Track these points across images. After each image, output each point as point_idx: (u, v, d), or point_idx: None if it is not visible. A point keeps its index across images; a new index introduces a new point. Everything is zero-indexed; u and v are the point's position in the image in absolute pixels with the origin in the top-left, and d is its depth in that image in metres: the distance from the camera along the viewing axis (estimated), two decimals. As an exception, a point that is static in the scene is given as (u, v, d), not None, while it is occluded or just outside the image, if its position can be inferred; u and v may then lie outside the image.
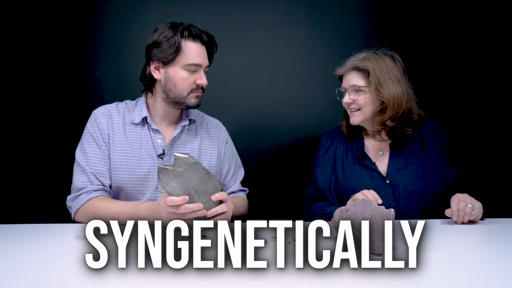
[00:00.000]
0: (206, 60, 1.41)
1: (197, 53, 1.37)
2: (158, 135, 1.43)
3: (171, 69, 1.37)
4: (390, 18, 2.04)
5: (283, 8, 2.02)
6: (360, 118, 1.51)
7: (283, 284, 0.78)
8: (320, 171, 1.60)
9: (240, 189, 1.60)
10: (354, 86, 1.49)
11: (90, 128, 1.40)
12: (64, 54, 1.92)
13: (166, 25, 1.38)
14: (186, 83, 1.38)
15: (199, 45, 1.38)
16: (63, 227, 1.28)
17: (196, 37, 1.37)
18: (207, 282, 0.78)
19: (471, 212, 1.28)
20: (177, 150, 1.44)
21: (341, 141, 1.62)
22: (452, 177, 1.49)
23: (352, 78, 1.51)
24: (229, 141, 1.60)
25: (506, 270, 0.87)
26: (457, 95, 2.06)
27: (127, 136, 1.41)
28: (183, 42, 1.35)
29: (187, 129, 1.49)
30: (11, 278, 0.80)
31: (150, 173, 1.40)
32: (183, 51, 1.36)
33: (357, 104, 1.50)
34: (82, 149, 1.38)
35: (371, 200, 1.03)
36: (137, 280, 0.79)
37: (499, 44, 2.05)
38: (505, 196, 2.04)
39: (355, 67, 1.50)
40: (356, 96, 1.49)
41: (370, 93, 1.48)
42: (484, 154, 2.06)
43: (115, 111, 1.44)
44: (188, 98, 1.40)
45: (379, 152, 1.55)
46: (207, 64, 1.42)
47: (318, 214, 1.49)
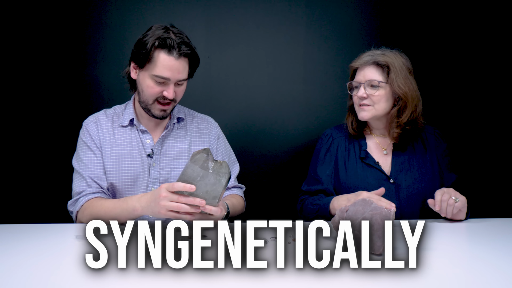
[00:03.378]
0: (177, 74, 1.34)
1: (167, 66, 1.31)
2: (147, 136, 1.45)
3: (141, 74, 1.37)
4: (390, 18, 2.04)
5: (283, 8, 2.02)
6: (371, 114, 1.49)
7: (283, 284, 0.78)
8: (323, 170, 1.57)
9: (236, 185, 1.58)
10: (372, 80, 1.46)
11: (82, 136, 1.44)
12: (64, 54, 1.92)
13: (155, 27, 1.36)
14: (151, 91, 1.35)
15: (172, 59, 1.31)
16: (63, 227, 1.28)
17: (171, 49, 1.31)
18: (207, 282, 0.78)
19: (454, 204, 1.29)
20: (166, 148, 1.45)
21: (343, 139, 1.60)
22: (450, 182, 1.50)
23: (370, 72, 1.48)
24: (222, 137, 1.59)
25: (506, 270, 0.88)
26: (455, 98, 2.05)
27: (116, 139, 1.43)
28: (156, 52, 1.31)
29: (176, 127, 1.50)
30: (11, 278, 0.80)
31: (141, 173, 1.42)
32: (154, 60, 1.32)
33: (370, 99, 1.47)
34: (78, 157, 1.42)
35: (371, 200, 1.03)
36: (137, 280, 0.79)
37: (497, 46, 2.05)
38: (505, 196, 2.05)
39: (375, 61, 1.47)
40: (372, 91, 1.47)
41: (386, 89, 1.47)
42: (481, 156, 2.06)
43: (104, 117, 1.47)
44: (153, 108, 1.39)
45: (383, 152, 1.55)
46: (178, 79, 1.34)
47: (313, 209, 1.47)
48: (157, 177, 1.42)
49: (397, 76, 1.45)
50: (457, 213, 1.33)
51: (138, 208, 1.22)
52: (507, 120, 2.06)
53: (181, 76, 1.35)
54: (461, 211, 1.34)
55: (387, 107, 1.49)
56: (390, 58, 1.47)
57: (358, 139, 1.58)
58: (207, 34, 1.98)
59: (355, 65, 1.53)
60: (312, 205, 1.50)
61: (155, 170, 1.42)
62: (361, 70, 1.51)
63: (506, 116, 2.06)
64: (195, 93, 1.88)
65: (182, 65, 1.34)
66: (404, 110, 1.48)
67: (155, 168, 1.42)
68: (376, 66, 1.48)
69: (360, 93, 1.48)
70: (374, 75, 1.47)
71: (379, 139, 1.57)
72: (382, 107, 1.48)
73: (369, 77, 1.48)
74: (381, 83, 1.46)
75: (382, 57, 1.48)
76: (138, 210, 1.22)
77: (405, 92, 1.45)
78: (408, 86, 1.46)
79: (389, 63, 1.46)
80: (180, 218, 1.16)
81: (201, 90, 1.97)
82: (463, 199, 1.32)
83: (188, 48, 1.33)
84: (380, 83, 1.46)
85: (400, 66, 1.47)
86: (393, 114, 1.49)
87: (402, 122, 1.48)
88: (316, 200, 1.51)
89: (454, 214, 1.33)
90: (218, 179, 1.17)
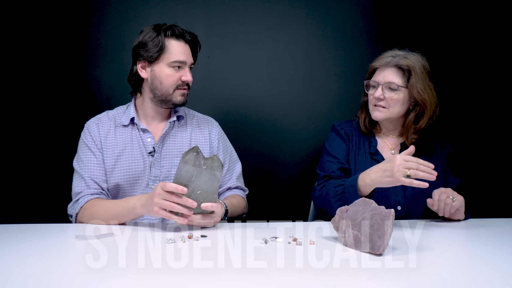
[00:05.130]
0: (190, 58, 1.46)
1: (180, 51, 1.43)
2: (147, 134, 1.47)
3: (157, 67, 1.43)
4: (390, 18, 2.04)
5: (283, 8, 2.02)
6: (385, 115, 1.47)
7: (283, 284, 0.78)
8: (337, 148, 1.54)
9: (238, 185, 1.58)
10: (391, 83, 1.44)
11: (83, 137, 1.47)
12: (64, 54, 1.92)
13: (150, 27, 1.45)
14: (172, 79, 1.43)
15: (182, 44, 1.44)
16: (63, 227, 1.28)
17: (180, 36, 1.44)
18: (207, 282, 0.78)
19: (451, 203, 1.30)
20: (167, 146, 1.48)
21: (355, 132, 1.58)
22: (454, 186, 1.50)
23: (390, 74, 1.45)
24: (222, 135, 1.61)
25: (506, 270, 0.88)
26: (457, 101, 2.05)
27: (117, 139, 1.46)
28: (166, 41, 1.42)
29: (176, 125, 1.53)
30: (11, 278, 0.80)
31: (143, 171, 1.44)
32: (167, 49, 1.42)
33: (387, 102, 1.45)
34: (78, 158, 1.45)
35: (371, 200, 1.03)
36: (137, 280, 0.79)
37: (499, 48, 2.04)
38: (505, 196, 2.05)
39: (397, 64, 1.44)
40: (390, 94, 1.44)
41: (404, 93, 1.45)
42: (481, 156, 2.06)
43: (106, 118, 1.50)
44: (174, 96, 1.45)
45: (390, 152, 1.55)
46: (191, 62, 1.47)
47: (337, 191, 1.38)
48: (157, 175, 1.44)
49: (417, 82, 1.43)
50: (455, 212, 1.34)
51: (138, 206, 1.23)
52: (507, 120, 2.06)
53: (192, 59, 1.48)
54: (459, 210, 1.34)
55: (401, 110, 1.48)
56: (412, 62, 1.44)
57: (368, 136, 1.57)
58: (207, 34, 1.98)
59: (375, 65, 1.50)
60: (335, 187, 1.40)
61: (156, 168, 1.44)
62: (381, 71, 1.48)
63: (505, 116, 2.06)
64: (195, 93, 1.88)
65: (189, 49, 1.47)
66: (422, 116, 1.46)
67: (156, 166, 1.44)
68: (397, 69, 1.45)
69: (377, 93, 1.46)
70: (394, 78, 1.45)
71: (387, 139, 1.57)
72: (397, 110, 1.47)
73: (388, 79, 1.45)
74: (400, 87, 1.44)
75: (405, 60, 1.44)
76: (138, 208, 1.23)
77: (424, 99, 1.44)
78: (427, 92, 1.44)
79: (411, 68, 1.43)
80: (172, 218, 1.16)
81: (201, 90, 1.97)
82: (461, 199, 1.33)
83: (189, 35, 1.46)
84: (399, 87, 1.44)
85: (421, 71, 1.44)
86: (410, 120, 1.48)
87: (420, 128, 1.47)
88: (339, 182, 1.42)
89: (452, 214, 1.33)
90: (213, 173, 1.17)
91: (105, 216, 1.28)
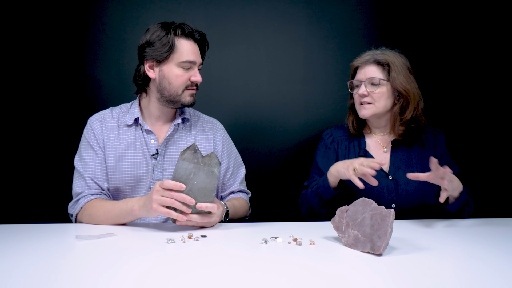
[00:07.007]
0: (199, 57, 1.44)
1: (190, 50, 1.40)
2: (151, 136, 1.44)
3: (166, 67, 1.40)
4: (390, 18, 2.04)
5: (283, 8, 2.02)
6: (371, 111, 1.52)
7: (283, 284, 0.77)
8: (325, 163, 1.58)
9: (241, 189, 1.58)
10: (372, 78, 1.50)
11: (86, 134, 1.44)
12: (64, 55, 1.92)
13: (157, 25, 1.41)
14: (181, 80, 1.41)
15: (192, 43, 1.41)
16: (63, 227, 1.28)
17: (189, 35, 1.40)
18: (207, 282, 0.78)
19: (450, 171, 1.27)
20: (171, 149, 1.45)
21: (344, 138, 1.63)
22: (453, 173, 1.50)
23: (371, 70, 1.51)
24: (227, 139, 1.60)
25: (506, 270, 0.88)
26: (454, 98, 2.05)
27: (120, 139, 1.43)
28: (176, 40, 1.38)
29: (181, 127, 1.50)
30: (11, 278, 0.80)
31: (145, 173, 1.41)
32: (177, 48, 1.38)
33: (371, 97, 1.51)
34: (80, 156, 1.42)
35: (371, 200, 1.03)
36: (137, 280, 0.79)
37: (496, 46, 2.04)
38: (505, 196, 2.05)
39: (375, 60, 1.52)
40: (373, 89, 1.50)
41: (386, 87, 1.51)
42: (481, 156, 2.06)
43: (109, 116, 1.46)
44: (183, 96, 1.42)
45: (383, 149, 1.57)
46: (200, 61, 1.44)
47: (312, 191, 1.48)
48: (160, 178, 1.41)
49: (398, 74, 1.49)
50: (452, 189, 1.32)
51: (136, 208, 1.21)
52: (507, 120, 2.06)
53: (201, 59, 1.45)
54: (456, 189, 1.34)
55: (387, 104, 1.52)
56: (390, 57, 1.51)
57: (358, 138, 1.61)
58: (207, 34, 1.97)
59: (356, 64, 1.57)
60: (311, 188, 1.50)
61: (158, 171, 1.42)
62: (361, 69, 1.54)
63: (505, 116, 2.06)
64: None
65: (198, 49, 1.44)
66: (406, 107, 1.51)
67: (159, 169, 1.42)
68: (377, 64, 1.52)
69: (361, 91, 1.52)
70: (375, 73, 1.51)
71: (379, 138, 1.60)
72: (383, 104, 1.51)
73: (369, 75, 1.51)
74: (381, 80, 1.50)
75: (382, 56, 1.52)
76: (136, 210, 1.21)
77: (407, 89, 1.49)
78: (409, 83, 1.50)
79: (389, 62, 1.50)
80: (171, 215, 1.15)
81: (201, 90, 1.96)
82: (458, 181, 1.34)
83: (198, 34, 1.43)
84: (380, 80, 1.50)
85: (401, 65, 1.51)
86: (396, 111, 1.53)
87: (406, 119, 1.51)
88: (314, 183, 1.53)
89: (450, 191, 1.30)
90: (211, 170, 1.18)
91: (103, 217, 1.27)
